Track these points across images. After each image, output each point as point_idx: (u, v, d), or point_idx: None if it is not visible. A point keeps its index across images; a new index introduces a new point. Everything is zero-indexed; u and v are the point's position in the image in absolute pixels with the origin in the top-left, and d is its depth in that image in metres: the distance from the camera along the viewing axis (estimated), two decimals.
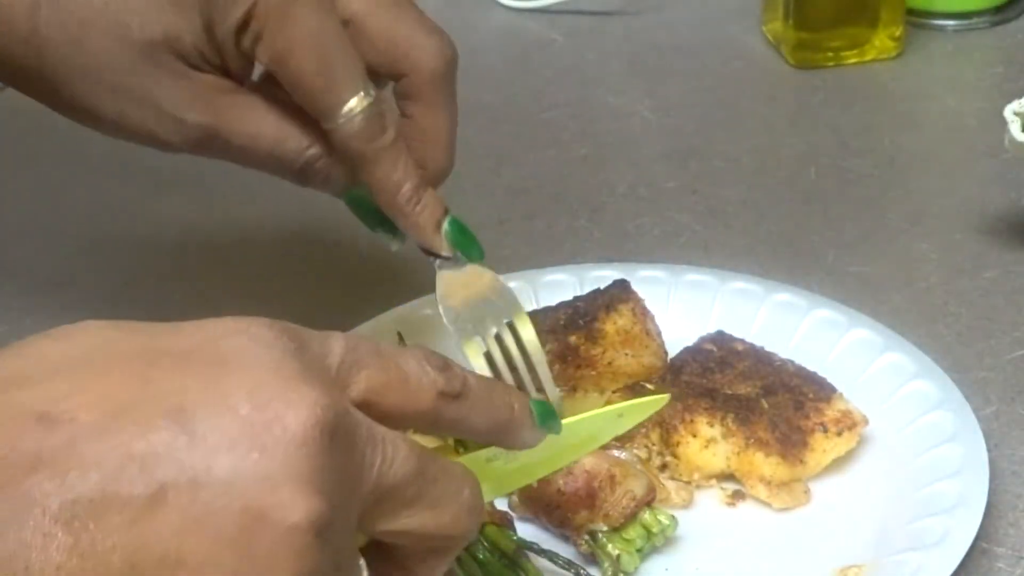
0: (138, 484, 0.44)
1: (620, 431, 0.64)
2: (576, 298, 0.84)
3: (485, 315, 0.73)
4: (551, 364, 0.79)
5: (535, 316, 0.82)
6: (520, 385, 0.72)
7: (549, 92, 1.14)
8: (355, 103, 0.68)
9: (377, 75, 0.71)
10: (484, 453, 0.57)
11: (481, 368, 0.72)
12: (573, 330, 0.81)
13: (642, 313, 0.82)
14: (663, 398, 0.64)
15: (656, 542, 0.71)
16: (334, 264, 0.95)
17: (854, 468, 0.76)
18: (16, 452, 0.44)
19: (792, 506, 0.74)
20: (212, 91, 0.70)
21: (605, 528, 0.70)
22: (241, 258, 0.96)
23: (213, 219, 1.01)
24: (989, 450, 0.74)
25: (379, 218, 0.73)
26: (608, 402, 0.77)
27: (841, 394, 0.77)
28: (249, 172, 1.04)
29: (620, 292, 0.83)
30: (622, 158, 1.06)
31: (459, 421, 0.53)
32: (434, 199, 0.72)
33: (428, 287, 0.86)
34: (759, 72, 1.16)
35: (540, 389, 0.73)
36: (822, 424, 0.75)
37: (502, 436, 0.55)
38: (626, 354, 0.80)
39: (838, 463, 0.75)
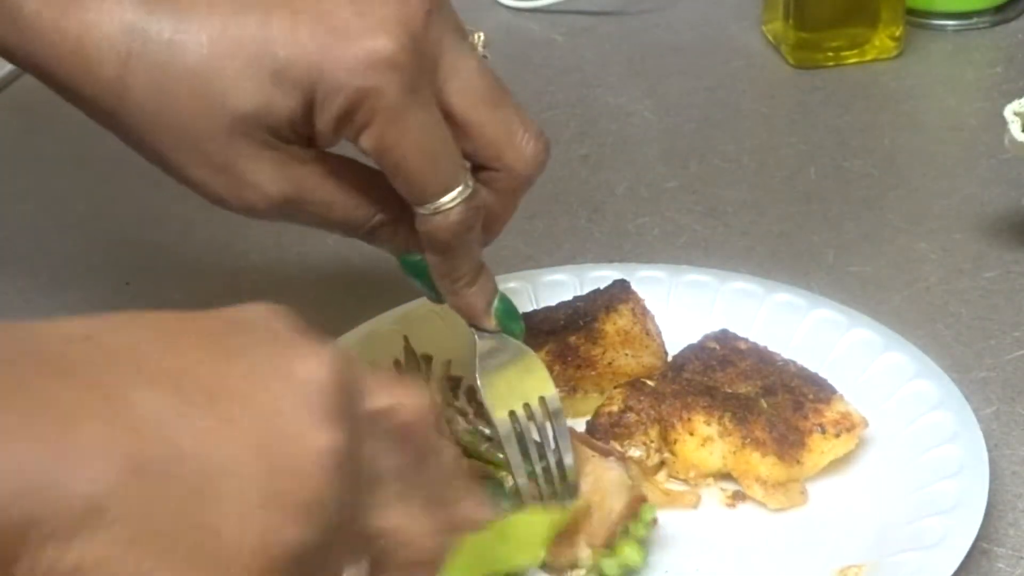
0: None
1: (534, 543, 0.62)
2: (576, 298, 0.84)
3: (517, 389, 0.73)
4: (551, 365, 0.79)
5: (534, 316, 0.82)
6: (542, 448, 0.72)
7: (549, 92, 1.14)
8: (455, 195, 0.67)
9: (470, 162, 0.71)
10: None
11: (505, 427, 0.71)
12: (573, 330, 0.81)
13: (642, 313, 0.82)
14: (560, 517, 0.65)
15: (644, 533, 0.71)
16: (334, 264, 0.95)
17: (854, 468, 0.76)
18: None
19: (788, 507, 0.74)
20: (295, 162, 0.68)
21: (589, 553, 0.70)
22: (241, 258, 0.96)
23: (213, 219, 1.00)
24: (989, 450, 0.74)
25: (430, 284, 0.73)
26: (604, 398, 0.77)
27: (841, 396, 0.77)
28: None
29: (620, 292, 0.83)
30: (622, 158, 1.06)
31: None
32: (488, 280, 0.72)
33: None
34: (759, 72, 1.16)
35: (559, 457, 0.72)
36: (820, 425, 0.75)
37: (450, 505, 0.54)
38: (626, 354, 0.80)
39: (838, 463, 0.75)
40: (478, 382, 0.72)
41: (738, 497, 0.75)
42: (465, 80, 0.68)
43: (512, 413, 0.71)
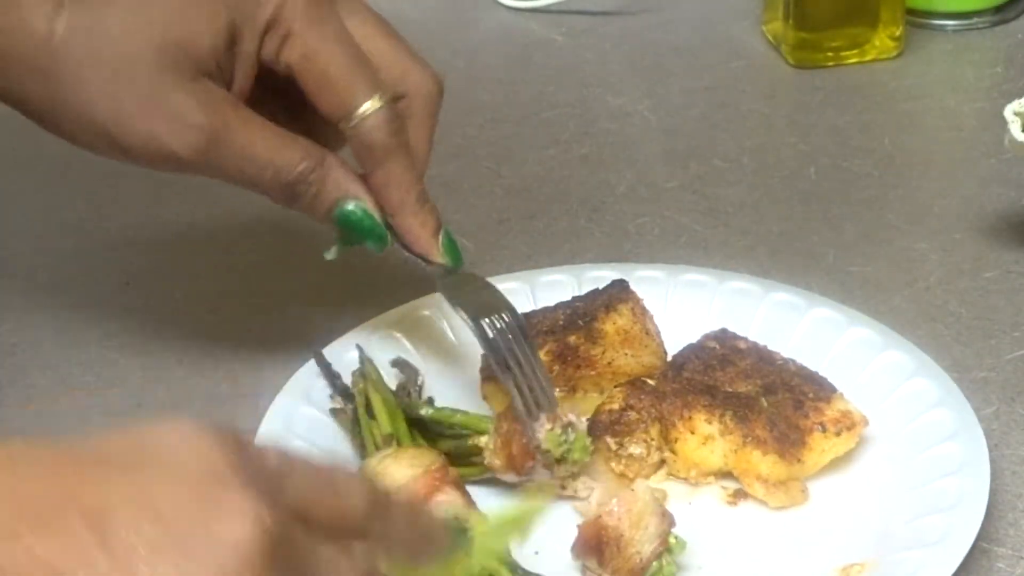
0: None
1: (511, 540, 0.65)
2: (575, 298, 0.84)
3: (483, 308, 0.76)
4: (551, 366, 0.79)
5: (534, 316, 0.82)
6: (525, 370, 0.75)
7: (549, 92, 1.14)
8: (377, 99, 0.73)
9: None
10: None
11: (483, 332, 0.75)
12: (572, 330, 0.81)
13: (641, 313, 0.82)
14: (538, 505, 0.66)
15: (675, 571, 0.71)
16: (334, 264, 0.95)
17: (855, 466, 0.76)
18: None
19: (789, 505, 0.74)
20: (218, 100, 0.72)
21: None
22: (241, 258, 0.96)
23: (213, 219, 1.01)
24: (989, 449, 0.74)
25: (368, 229, 0.76)
26: (605, 397, 0.77)
27: (841, 394, 0.77)
28: None
29: (619, 292, 0.83)
30: (622, 158, 1.06)
31: (384, 536, 0.51)
32: (433, 208, 0.76)
33: (428, 287, 0.86)
34: (759, 72, 1.16)
35: (540, 380, 0.75)
36: (821, 424, 0.75)
37: (419, 552, 0.53)
38: (626, 354, 0.80)
39: (839, 462, 0.75)
40: (448, 302, 0.76)
41: (739, 496, 0.75)
42: (361, 15, 0.75)
43: (488, 323, 0.75)
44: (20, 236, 1.01)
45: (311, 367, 0.80)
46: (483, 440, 0.75)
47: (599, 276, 0.86)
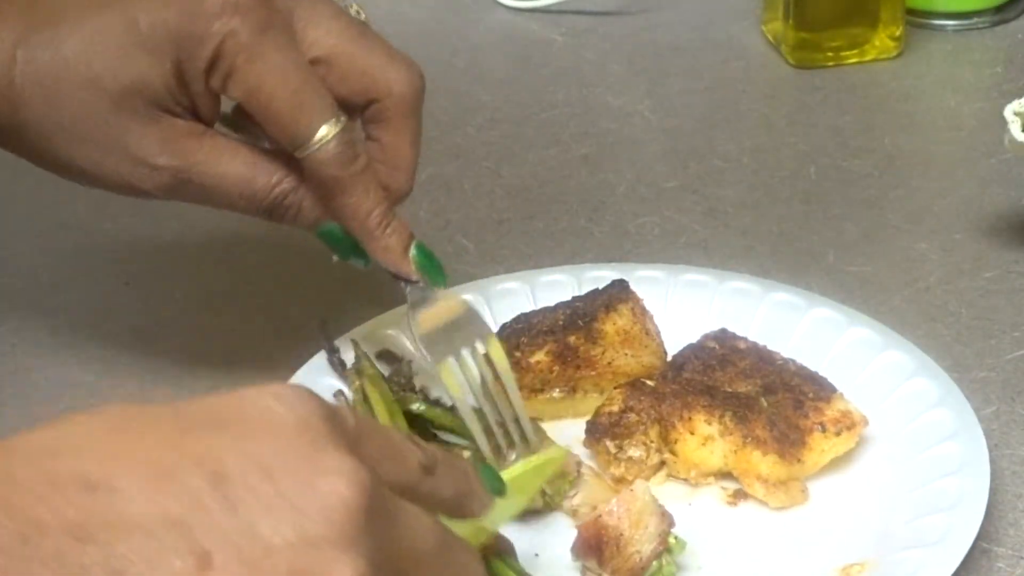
0: (183, 551, 0.44)
1: (537, 488, 0.68)
2: (575, 298, 0.84)
3: (455, 339, 0.74)
4: (551, 366, 0.79)
5: (534, 316, 0.82)
6: (493, 409, 0.74)
7: (549, 92, 1.14)
8: (327, 130, 0.71)
9: (350, 106, 0.74)
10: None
11: (458, 389, 0.73)
12: (572, 330, 0.81)
13: (641, 313, 0.82)
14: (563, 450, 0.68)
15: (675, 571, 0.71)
16: (335, 264, 0.95)
17: (855, 466, 0.76)
18: (61, 520, 0.45)
19: (789, 505, 0.74)
20: (182, 135, 0.72)
21: None
22: (241, 258, 0.96)
23: (213, 219, 1.00)
24: (989, 449, 0.74)
25: (350, 248, 0.75)
26: (604, 398, 0.77)
27: (841, 394, 0.77)
28: None
29: (619, 292, 0.83)
30: (622, 158, 1.06)
31: (432, 493, 0.54)
32: (401, 224, 0.75)
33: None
34: (759, 72, 1.16)
35: (512, 414, 0.74)
36: (821, 424, 0.75)
37: (464, 505, 0.57)
38: (626, 354, 0.80)
39: (839, 462, 0.75)
40: (413, 334, 0.75)
41: (739, 496, 0.75)
42: (325, 24, 0.73)
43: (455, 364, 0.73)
44: (20, 236, 1.01)
45: (311, 367, 0.81)
46: (466, 456, 0.74)
47: (599, 276, 0.86)
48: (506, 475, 0.62)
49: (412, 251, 0.75)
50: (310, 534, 0.45)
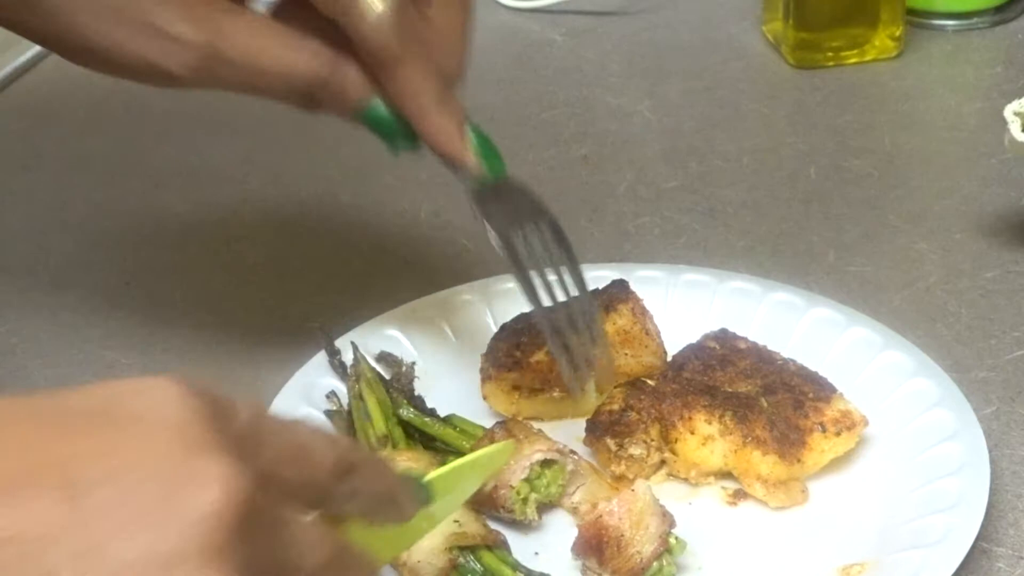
0: (28, 571, 0.41)
1: (479, 483, 0.63)
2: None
3: (521, 219, 0.71)
4: (551, 366, 0.79)
5: (534, 317, 0.82)
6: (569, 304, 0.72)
7: (549, 92, 1.14)
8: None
9: None
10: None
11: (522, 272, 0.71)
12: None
13: (641, 313, 0.82)
14: (508, 444, 0.64)
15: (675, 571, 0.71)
16: (334, 264, 0.95)
17: (855, 466, 0.76)
18: None
19: (789, 505, 0.74)
20: (215, 9, 0.67)
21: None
22: (241, 258, 0.96)
23: (213, 218, 1.01)
24: (989, 449, 0.74)
25: (397, 130, 0.70)
26: (605, 397, 0.77)
27: (841, 394, 0.77)
28: (249, 173, 1.05)
29: (619, 292, 0.83)
30: (622, 158, 1.06)
31: (345, 497, 0.50)
32: (457, 104, 0.69)
33: (429, 287, 0.86)
34: (759, 72, 1.16)
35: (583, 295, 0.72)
36: (821, 424, 0.75)
37: (383, 512, 0.53)
38: (626, 354, 0.80)
39: (839, 462, 0.75)
40: (488, 230, 0.71)
41: (739, 496, 0.75)
42: None
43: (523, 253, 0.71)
44: (20, 236, 1.01)
45: (310, 367, 0.80)
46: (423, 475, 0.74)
47: (599, 276, 0.86)
48: (436, 473, 0.57)
49: (468, 133, 0.70)
50: (165, 551, 0.41)
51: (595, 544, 0.69)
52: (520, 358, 0.80)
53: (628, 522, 0.69)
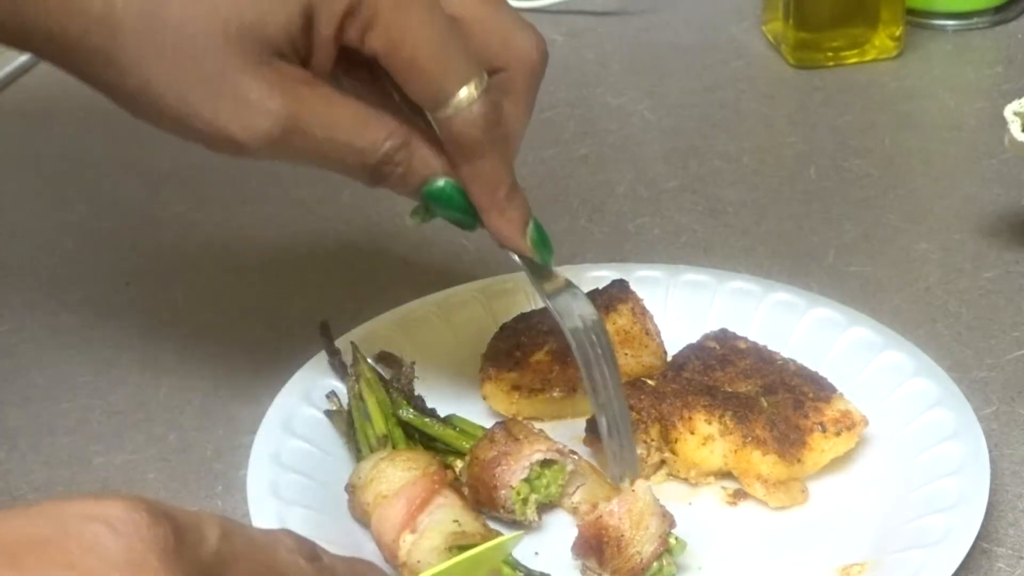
0: None
1: (488, 568, 0.62)
2: None
3: (571, 308, 0.74)
4: (551, 366, 0.79)
5: (534, 316, 0.82)
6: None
7: (549, 92, 1.14)
8: (472, 88, 0.66)
9: None
10: None
11: (581, 346, 0.73)
12: None
13: (641, 313, 0.82)
14: (518, 536, 0.63)
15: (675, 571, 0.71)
16: (334, 264, 0.95)
17: (855, 466, 0.76)
18: None
19: (789, 505, 0.74)
20: (295, 80, 0.65)
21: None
22: (241, 259, 0.96)
23: (213, 219, 1.01)
24: (989, 449, 0.74)
25: (461, 208, 0.71)
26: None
27: (841, 394, 0.77)
28: (249, 173, 1.05)
29: (619, 292, 0.83)
30: (622, 158, 1.06)
31: None
32: (524, 198, 0.71)
33: (429, 287, 0.86)
34: (759, 72, 1.16)
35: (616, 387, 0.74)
36: (821, 424, 0.75)
37: None
38: (626, 354, 0.80)
39: (839, 462, 0.75)
40: (549, 305, 0.73)
41: (739, 496, 0.75)
42: None
43: (582, 333, 0.73)
44: (20, 236, 1.01)
45: (310, 367, 0.80)
46: (459, 466, 0.75)
47: (599, 276, 0.86)
48: (431, 572, 0.56)
49: (530, 227, 0.72)
50: None
51: (595, 544, 0.69)
52: (520, 358, 0.80)
53: (628, 522, 0.69)
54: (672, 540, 0.70)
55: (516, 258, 0.73)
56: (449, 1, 0.67)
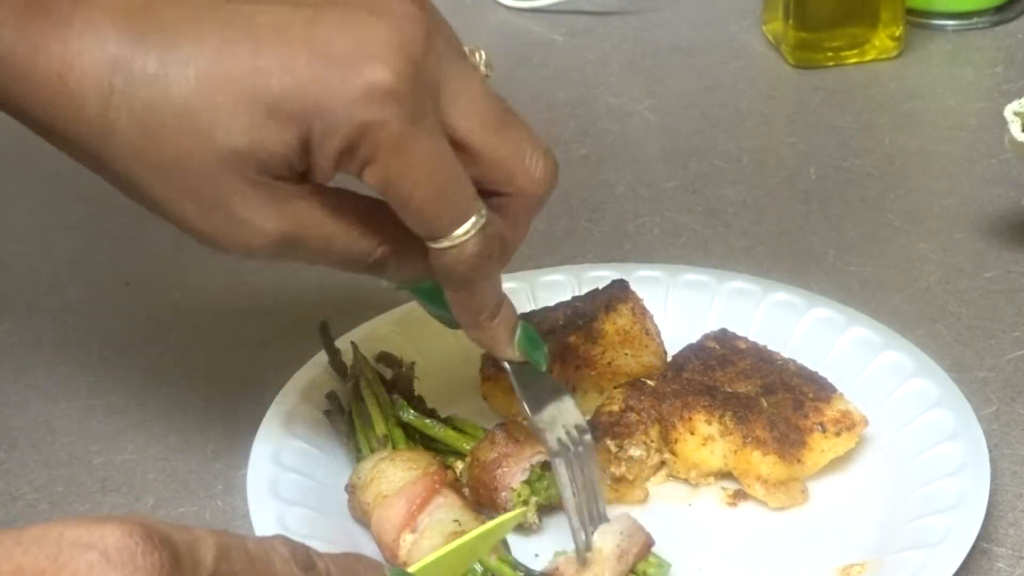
0: None
1: (485, 552, 0.63)
2: (575, 298, 0.84)
3: (556, 419, 0.72)
4: (550, 366, 0.79)
5: (534, 316, 0.82)
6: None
7: (549, 92, 1.14)
8: (469, 226, 0.64)
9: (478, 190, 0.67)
10: None
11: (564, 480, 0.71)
12: (572, 330, 0.81)
13: (641, 313, 0.82)
14: (519, 514, 0.63)
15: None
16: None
17: (855, 466, 0.76)
18: None
19: (789, 506, 0.74)
20: (291, 197, 0.64)
21: None
22: (241, 259, 0.96)
23: None
24: (989, 449, 0.74)
25: (442, 309, 0.71)
26: (605, 398, 0.77)
27: (841, 394, 0.77)
28: None
29: (619, 292, 0.83)
30: (622, 158, 1.06)
31: None
32: (510, 311, 0.70)
33: None
34: (759, 72, 1.16)
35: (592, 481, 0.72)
36: (821, 424, 0.75)
37: None
38: (625, 354, 0.80)
39: (839, 462, 0.75)
40: (528, 414, 0.71)
41: (739, 496, 0.75)
42: (469, 103, 0.65)
43: (560, 442, 0.71)
44: (20, 236, 1.01)
45: (310, 368, 0.81)
46: (459, 467, 0.75)
47: (599, 276, 0.86)
48: (421, 564, 0.56)
49: (518, 334, 0.71)
50: None
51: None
52: None
53: None
54: (652, 560, 0.69)
55: (506, 365, 0.72)
56: (456, 127, 0.65)
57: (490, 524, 0.60)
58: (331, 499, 0.73)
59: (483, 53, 0.70)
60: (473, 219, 0.64)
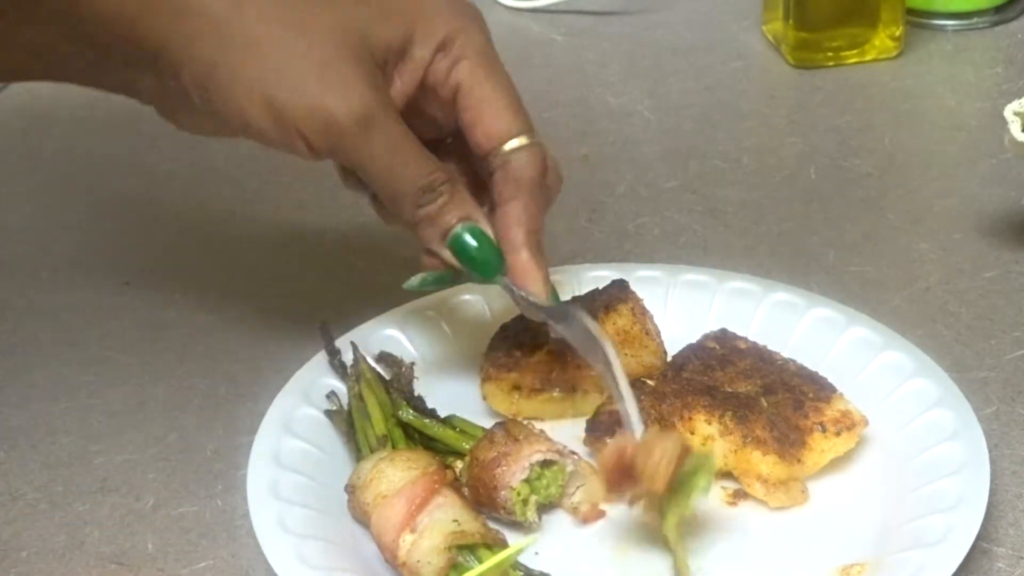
0: None
1: None
2: (575, 298, 0.84)
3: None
4: (551, 365, 0.80)
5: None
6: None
7: (549, 92, 1.14)
8: (530, 135, 0.75)
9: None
10: None
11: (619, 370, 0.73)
12: None
13: (641, 313, 0.82)
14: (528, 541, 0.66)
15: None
16: (334, 264, 0.95)
17: (855, 466, 0.76)
18: None
19: (789, 505, 0.74)
20: (383, 87, 0.73)
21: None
22: (241, 258, 0.96)
23: (213, 219, 1.01)
24: (989, 449, 0.74)
25: (484, 255, 0.75)
26: (605, 397, 0.77)
27: (841, 394, 0.77)
28: (249, 173, 1.05)
29: (619, 292, 0.83)
30: (622, 158, 1.06)
31: None
32: (544, 255, 0.76)
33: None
34: (759, 72, 1.16)
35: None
36: (821, 424, 0.75)
37: None
38: (626, 354, 0.80)
39: (839, 462, 0.75)
40: (577, 316, 0.75)
41: (739, 496, 0.75)
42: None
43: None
44: (20, 236, 1.01)
45: (310, 368, 0.81)
46: (459, 467, 0.75)
47: (599, 276, 0.86)
48: None
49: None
50: None
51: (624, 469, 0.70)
52: (520, 358, 0.80)
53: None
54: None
55: (523, 304, 0.75)
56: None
57: (494, 559, 0.62)
58: (331, 499, 0.73)
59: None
60: (530, 134, 0.75)
